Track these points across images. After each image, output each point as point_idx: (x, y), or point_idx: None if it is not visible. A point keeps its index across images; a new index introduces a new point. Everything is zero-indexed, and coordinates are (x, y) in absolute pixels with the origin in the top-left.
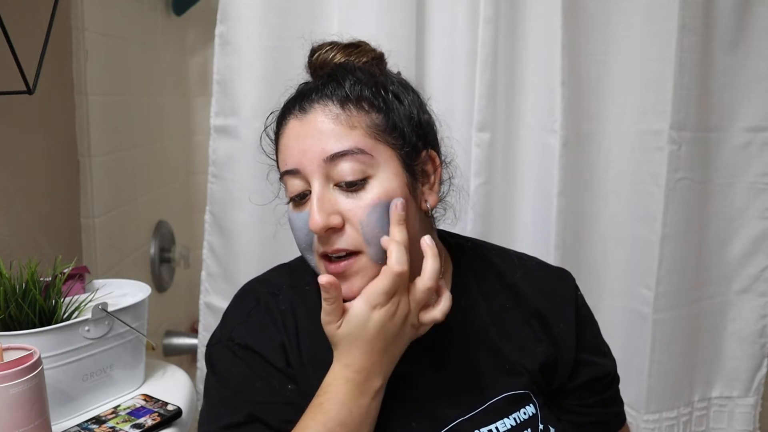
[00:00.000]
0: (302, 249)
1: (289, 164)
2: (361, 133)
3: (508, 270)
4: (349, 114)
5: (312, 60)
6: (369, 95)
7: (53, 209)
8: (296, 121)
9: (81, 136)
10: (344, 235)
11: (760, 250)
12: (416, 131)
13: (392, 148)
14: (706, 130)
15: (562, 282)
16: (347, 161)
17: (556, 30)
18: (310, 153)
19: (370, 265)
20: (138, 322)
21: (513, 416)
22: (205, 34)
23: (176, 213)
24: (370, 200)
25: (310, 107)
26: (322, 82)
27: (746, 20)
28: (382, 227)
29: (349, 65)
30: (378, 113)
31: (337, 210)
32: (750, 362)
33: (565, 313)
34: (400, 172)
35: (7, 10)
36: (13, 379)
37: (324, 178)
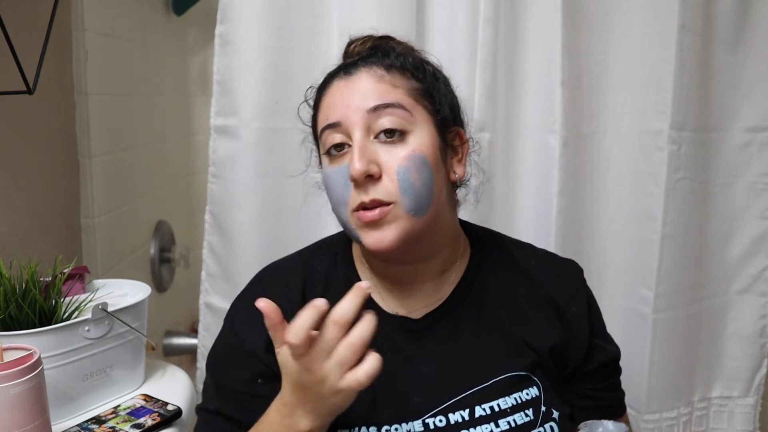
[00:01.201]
0: (336, 203)
1: (332, 118)
2: (403, 92)
3: (522, 257)
4: (393, 76)
5: (348, 50)
6: (411, 65)
7: (53, 209)
8: (341, 81)
9: (81, 136)
10: (380, 185)
11: (760, 250)
12: (449, 106)
13: (429, 112)
14: (706, 130)
15: (573, 270)
16: (388, 114)
17: (556, 30)
18: (354, 106)
19: (402, 215)
20: (138, 322)
21: (514, 396)
22: (205, 34)
23: (176, 213)
24: (406, 152)
25: (356, 70)
26: (368, 53)
27: (746, 20)
28: (417, 178)
29: (390, 44)
30: (418, 81)
31: (375, 160)
32: (750, 362)
33: (577, 298)
34: (435, 135)
35: (7, 10)
36: (13, 379)
37: (365, 129)
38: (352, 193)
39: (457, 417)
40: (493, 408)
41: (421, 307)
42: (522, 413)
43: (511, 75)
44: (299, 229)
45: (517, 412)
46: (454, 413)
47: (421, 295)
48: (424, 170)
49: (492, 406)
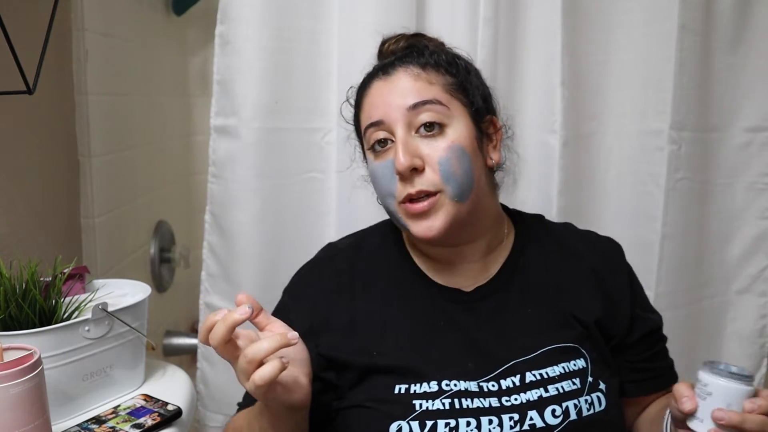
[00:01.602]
0: (384, 195)
1: (374, 116)
2: (439, 88)
3: (564, 234)
4: (428, 73)
5: (382, 49)
6: (445, 62)
7: (53, 209)
8: (380, 82)
9: (81, 136)
10: (424, 176)
11: (760, 250)
12: (482, 97)
13: (464, 105)
14: (706, 130)
15: (614, 246)
16: (427, 110)
17: (556, 30)
18: (394, 105)
19: (448, 202)
20: (138, 322)
21: (562, 365)
22: (205, 34)
23: (176, 213)
24: (446, 144)
25: (393, 70)
26: (403, 53)
27: (746, 20)
28: (457, 167)
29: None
30: (452, 77)
31: (418, 154)
32: (750, 362)
33: (618, 271)
34: (470, 126)
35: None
36: (13, 379)
37: (406, 125)
38: (398, 185)
39: (509, 383)
40: (543, 375)
41: (470, 285)
42: (569, 381)
43: (511, 75)
44: (299, 229)
45: (565, 380)
46: (506, 379)
47: (469, 274)
48: (464, 159)
49: (541, 373)
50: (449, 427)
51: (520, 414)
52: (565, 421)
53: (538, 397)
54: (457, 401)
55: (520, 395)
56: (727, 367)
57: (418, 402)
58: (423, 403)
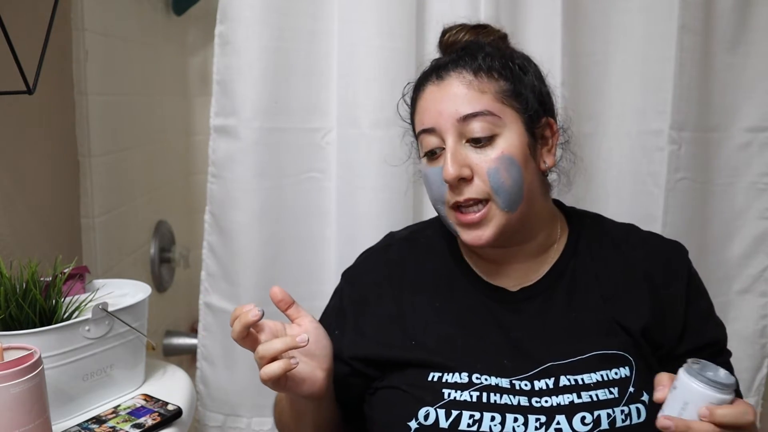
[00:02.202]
0: (435, 200)
1: (426, 123)
2: (491, 97)
3: (622, 236)
4: (480, 81)
5: (442, 39)
6: (498, 66)
7: (53, 209)
8: (434, 87)
9: (81, 136)
10: (473, 185)
11: (761, 250)
12: (538, 99)
13: (517, 111)
14: (706, 130)
15: (676, 251)
16: (478, 121)
17: (556, 30)
18: (446, 113)
19: (498, 213)
20: (138, 322)
21: (602, 373)
22: (205, 34)
23: (176, 213)
24: (496, 155)
25: (447, 75)
26: (458, 55)
27: (746, 20)
28: (507, 177)
29: (480, 42)
30: (505, 81)
31: (467, 163)
32: (750, 362)
33: (676, 278)
34: (523, 133)
35: (7, 10)
36: (13, 378)
37: (457, 135)
38: (447, 192)
39: (542, 384)
40: (578, 381)
41: (518, 283)
42: (606, 390)
43: None
44: (299, 229)
45: (601, 388)
46: (540, 380)
47: (517, 274)
48: (513, 169)
49: (576, 379)
50: (473, 419)
51: (548, 417)
52: (594, 429)
53: (569, 402)
54: (485, 395)
55: (552, 398)
56: (705, 369)
57: (448, 391)
58: (452, 393)
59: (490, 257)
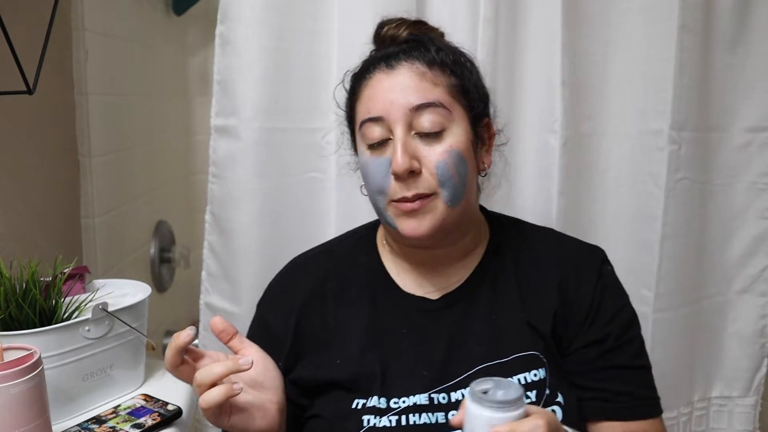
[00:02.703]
0: (374, 192)
1: (374, 112)
2: (443, 90)
3: (540, 240)
4: (434, 73)
5: (380, 33)
6: (450, 61)
7: (53, 209)
8: (383, 75)
9: (81, 136)
10: (421, 179)
11: (760, 250)
12: (481, 99)
13: (464, 108)
14: (706, 130)
15: (589, 255)
16: (429, 113)
17: (556, 30)
18: (397, 103)
19: (441, 206)
20: (138, 322)
21: (520, 376)
22: (205, 34)
23: (176, 213)
24: (444, 148)
25: (398, 64)
26: (409, 46)
27: (746, 20)
28: (454, 171)
29: (429, 36)
30: (456, 77)
31: (416, 155)
32: (750, 362)
33: (585, 281)
34: (469, 130)
35: (7, 10)
36: (13, 378)
37: (406, 126)
38: (392, 184)
39: (458, 395)
40: None
41: (439, 288)
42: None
43: (511, 75)
44: (299, 229)
45: None
46: (456, 391)
47: (440, 278)
48: (460, 164)
49: None
50: None
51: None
52: None
53: None
54: (404, 418)
55: None
56: (482, 387)
57: (368, 417)
58: (372, 419)
59: (415, 259)
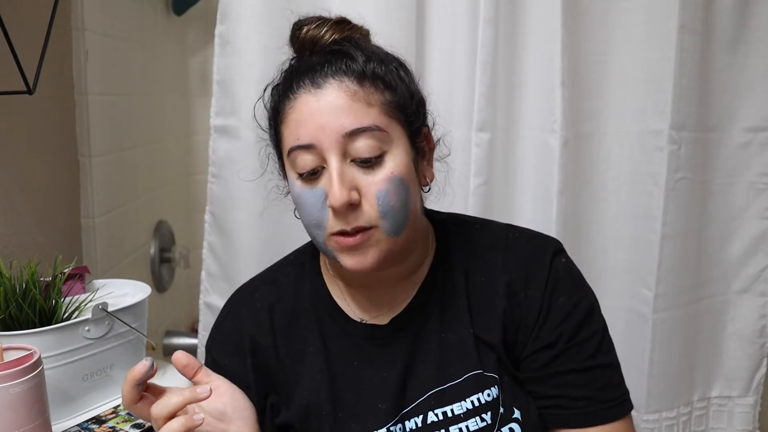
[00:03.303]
0: (311, 225)
1: (303, 139)
2: (378, 110)
3: (487, 242)
4: (366, 91)
5: (299, 35)
6: (382, 73)
7: (53, 209)
8: (310, 96)
9: (81, 136)
10: (360, 211)
11: (760, 250)
12: (417, 108)
13: (402, 125)
14: (706, 130)
15: (540, 249)
16: (365, 138)
17: (556, 30)
18: (329, 129)
19: (382, 238)
20: (138, 322)
21: (472, 398)
22: (205, 34)
23: (176, 213)
24: (385, 175)
25: (325, 82)
26: (333, 57)
27: (746, 20)
28: (396, 200)
29: (354, 40)
30: (390, 91)
31: (354, 185)
32: (750, 362)
33: (534, 279)
34: (408, 149)
35: (7, 10)
36: (13, 378)
37: (341, 154)
38: (330, 217)
39: (412, 424)
40: (446, 414)
41: (387, 311)
42: (477, 418)
43: (511, 75)
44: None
45: (472, 418)
46: (410, 420)
47: (387, 298)
48: (402, 191)
49: (445, 412)
50: None
51: None
52: None
53: None
54: None
55: None
56: None
57: None
58: None
59: (359, 282)
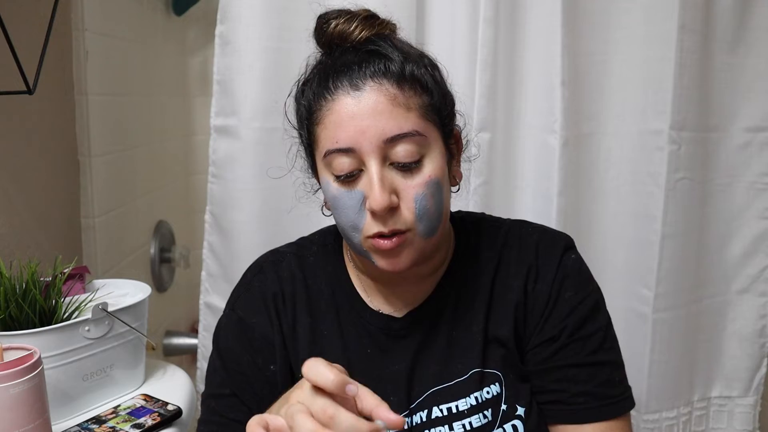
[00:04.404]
0: (347, 227)
1: (342, 143)
2: (417, 114)
3: (498, 239)
4: (405, 95)
5: (327, 30)
6: (419, 75)
7: (53, 209)
8: (349, 98)
9: (81, 136)
10: (398, 214)
11: (760, 249)
12: (450, 110)
13: (437, 127)
14: (706, 130)
15: (551, 244)
16: (406, 143)
17: (556, 30)
18: (369, 133)
19: (417, 239)
20: (138, 322)
21: (476, 395)
22: (205, 34)
23: (176, 213)
24: (423, 179)
25: (364, 84)
26: (370, 56)
27: (746, 20)
28: (432, 203)
29: (388, 39)
30: (428, 94)
31: (393, 188)
32: (750, 362)
33: (544, 272)
34: (443, 150)
35: (7, 10)
36: (13, 379)
37: (381, 158)
38: (367, 220)
39: (417, 418)
40: (451, 409)
41: (405, 305)
42: (480, 415)
43: (511, 75)
44: (299, 229)
45: (475, 414)
46: (416, 414)
47: (406, 294)
48: (438, 193)
49: (450, 408)
50: None
51: None
52: None
53: None
54: None
55: None
56: None
57: None
58: None
59: (382, 279)
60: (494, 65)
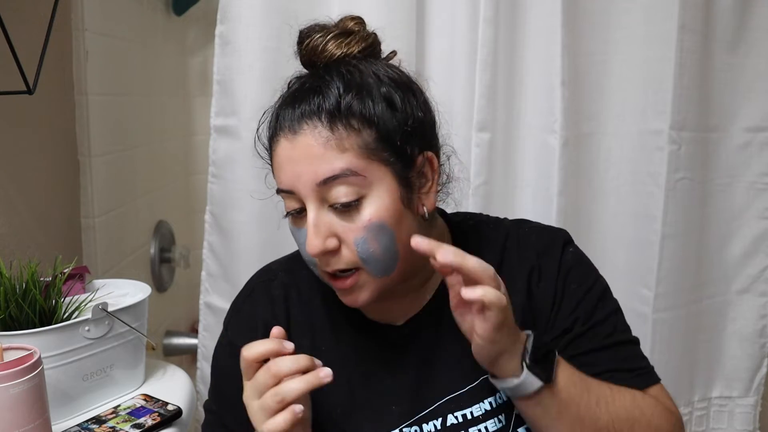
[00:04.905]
0: (306, 260)
1: (284, 184)
2: (353, 154)
3: (504, 243)
4: (338, 136)
5: (302, 48)
6: (359, 109)
7: (53, 209)
8: (287, 143)
9: (81, 136)
10: (341, 255)
11: (760, 250)
12: (410, 138)
13: (385, 163)
14: (706, 130)
15: (549, 241)
16: (339, 184)
17: (556, 30)
18: (303, 177)
19: (371, 279)
20: (138, 322)
21: (489, 400)
22: (205, 34)
23: (176, 213)
24: (362, 222)
25: (300, 128)
26: (308, 94)
27: (746, 20)
28: (376, 246)
29: (337, 68)
30: (369, 129)
31: (332, 232)
32: (750, 362)
33: (546, 270)
34: (393, 187)
35: (7, 10)
36: (13, 379)
37: (318, 201)
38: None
39: (430, 426)
40: (466, 416)
41: (404, 313)
42: (495, 419)
43: (511, 75)
44: None
45: (490, 419)
46: (428, 423)
47: (402, 305)
48: (383, 236)
49: (465, 414)
50: None
51: None
52: None
53: None
54: None
55: None
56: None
57: None
58: None
59: None
60: (494, 65)
